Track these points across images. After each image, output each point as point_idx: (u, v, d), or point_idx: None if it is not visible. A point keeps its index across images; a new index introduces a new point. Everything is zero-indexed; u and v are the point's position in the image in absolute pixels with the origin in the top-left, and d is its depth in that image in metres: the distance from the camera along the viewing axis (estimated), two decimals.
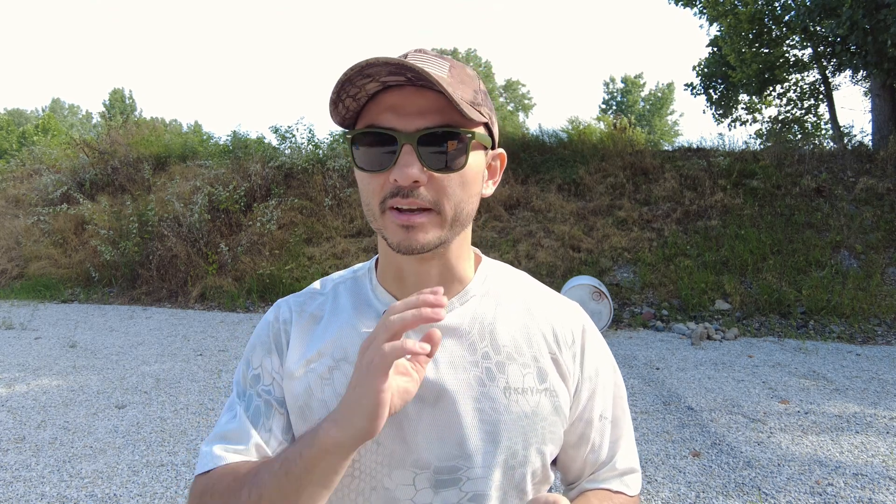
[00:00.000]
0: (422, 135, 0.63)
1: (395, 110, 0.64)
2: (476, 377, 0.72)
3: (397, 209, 0.65)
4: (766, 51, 11.32)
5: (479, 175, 0.70)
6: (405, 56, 0.64)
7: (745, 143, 11.57)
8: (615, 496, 0.80)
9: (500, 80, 39.75)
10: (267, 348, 0.77)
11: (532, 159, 9.95)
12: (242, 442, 0.72)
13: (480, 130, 0.68)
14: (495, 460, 0.71)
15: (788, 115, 13.07)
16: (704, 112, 13.75)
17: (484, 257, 0.82)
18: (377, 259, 0.80)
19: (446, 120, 0.64)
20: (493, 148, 0.73)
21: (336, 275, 0.83)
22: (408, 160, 0.63)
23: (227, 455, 0.71)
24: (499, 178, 0.75)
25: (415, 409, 0.70)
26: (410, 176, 0.63)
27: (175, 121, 31.41)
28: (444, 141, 0.64)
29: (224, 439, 0.73)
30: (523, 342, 0.75)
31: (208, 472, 0.70)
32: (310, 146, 10.90)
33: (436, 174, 0.65)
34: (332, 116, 0.68)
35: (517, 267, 8.13)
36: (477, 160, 0.68)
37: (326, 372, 0.72)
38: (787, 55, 11.69)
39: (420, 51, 0.68)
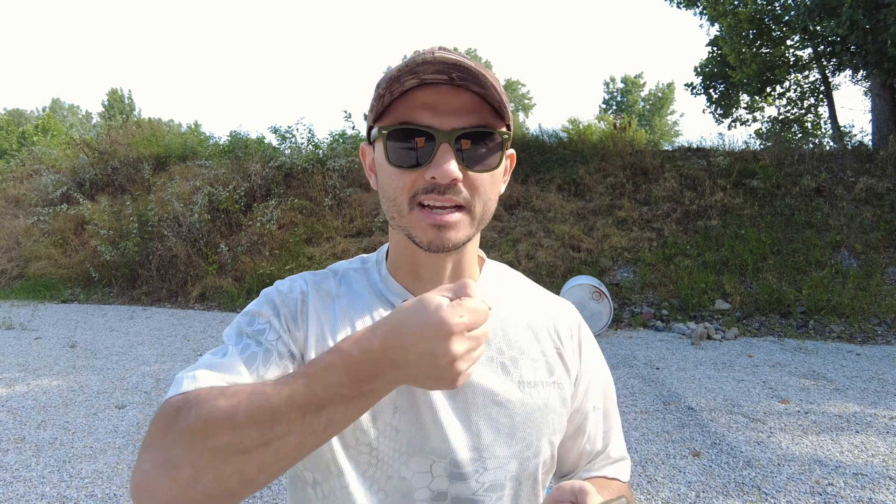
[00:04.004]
0: (459, 134, 0.64)
1: (431, 108, 0.64)
2: (493, 371, 0.74)
3: (428, 207, 0.66)
4: (766, 51, 11.33)
5: (502, 174, 0.73)
6: (432, 53, 0.64)
7: (745, 142, 11.56)
8: (611, 482, 0.84)
9: (499, 80, 39.71)
10: (282, 311, 0.71)
11: (532, 159, 9.95)
12: (231, 375, 0.64)
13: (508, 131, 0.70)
14: (511, 452, 0.73)
15: (788, 114, 13.07)
16: (704, 112, 13.74)
17: (486, 258, 0.84)
18: (386, 252, 0.80)
19: (481, 120, 0.66)
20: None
21: (343, 262, 0.82)
22: (446, 158, 0.63)
23: (214, 379, 0.62)
24: (508, 177, 0.77)
25: (435, 398, 0.71)
26: (450, 174, 0.63)
27: (172, 120, 31.35)
28: (481, 140, 0.66)
29: (209, 368, 0.64)
30: (532, 338, 0.78)
31: (186, 392, 0.60)
32: (310, 146, 10.90)
33: (471, 173, 0.66)
34: (373, 107, 0.68)
35: (517, 267, 8.16)
36: (503, 160, 0.71)
37: None
38: (787, 55, 11.69)
39: (443, 48, 0.67)
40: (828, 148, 10.03)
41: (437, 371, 0.55)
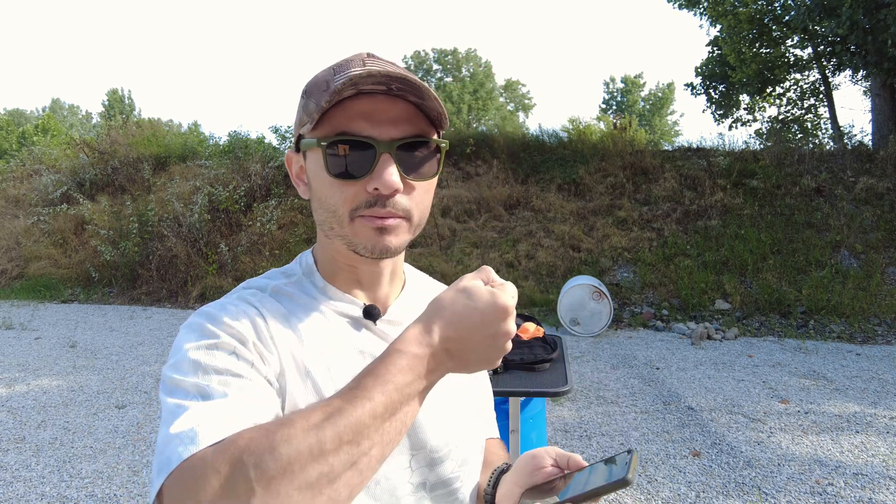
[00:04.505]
0: (399, 144, 0.65)
1: (368, 118, 0.64)
2: None
3: (371, 216, 0.67)
4: (766, 51, 11.33)
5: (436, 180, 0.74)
6: (363, 62, 0.66)
7: (745, 142, 11.56)
8: (498, 441, 0.94)
9: (500, 80, 39.73)
10: (248, 337, 0.64)
11: (532, 159, 9.95)
12: (244, 415, 0.55)
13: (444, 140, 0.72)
14: (473, 425, 0.80)
15: (788, 115, 13.07)
16: (704, 112, 13.74)
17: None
18: (312, 261, 0.77)
19: (417, 129, 0.67)
20: None
21: (259, 280, 0.76)
22: (388, 169, 0.64)
23: (235, 421, 0.54)
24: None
25: None
26: (393, 185, 0.64)
27: (171, 120, 31.33)
28: (419, 149, 0.67)
29: (217, 411, 0.55)
30: None
31: (225, 441, 0.51)
32: None
33: (411, 182, 0.67)
34: (311, 116, 0.65)
35: (517, 267, 8.15)
36: (440, 167, 0.72)
37: (325, 371, 0.69)
38: (787, 55, 11.69)
39: (372, 56, 0.68)
40: (828, 148, 10.02)
41: (492, 353, 0.59)
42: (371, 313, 0.73)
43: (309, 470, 0.48)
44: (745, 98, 13.04)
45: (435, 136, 0.70)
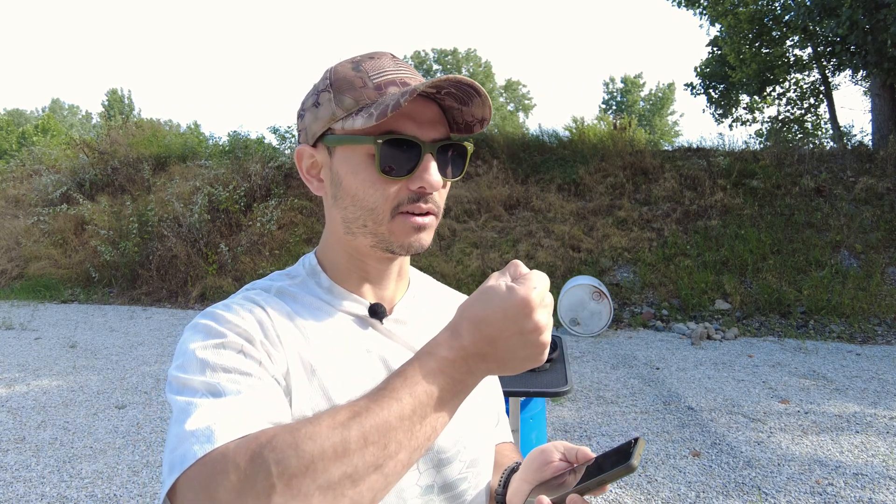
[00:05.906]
0: (440, 145, 0.68)
1: (412, 119, 0.66)
2: None
3: (409, 213, 0.68)
4: (766, 51, 11.33)
5: None
6: (396, 62, 0.69)
7: (745, 142, 11.58)
8: (511, 445, 0.92)
9: (500, 80, 39.73)
10: (256, 336, 0.63)
11: (532, 159, 9.95)
12: (260, 414, 0.55)
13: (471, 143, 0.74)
14: (480, 424, 0.78)
15: (788, 114, 13.07)
16: (704, 112, 13.76)
17: None
18: (316, 262, 0.77)
19: (447, 131, 0.70)
20: None
21: (263, 281, 0.75)
22: (432, 168, 0.66)
23: (253, 420, 0.54)
24: None
25: None
26: (437, 184, 0.67)
27: (171, 121, 31.31)
28: (454, 151, 0.71)
29: (230, 410, 0.54)
30: None
31: (246, 438, 0.50)
32: None
33: (444, 181, 0.70)
34: (337, 109, 0.67)
35: None
36: (466, 168, 0.74)
37: (331, 370, 0.68)
38: (787, 55, 11.69)
39: (394, 57, 0.70)
40: (828, 148, 10.02)
41: (527, 349, 0.57)
42: (376, 311, 0.73)
43: (332, 469, 0.48)
44: (745, 98, 13.05)
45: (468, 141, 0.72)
